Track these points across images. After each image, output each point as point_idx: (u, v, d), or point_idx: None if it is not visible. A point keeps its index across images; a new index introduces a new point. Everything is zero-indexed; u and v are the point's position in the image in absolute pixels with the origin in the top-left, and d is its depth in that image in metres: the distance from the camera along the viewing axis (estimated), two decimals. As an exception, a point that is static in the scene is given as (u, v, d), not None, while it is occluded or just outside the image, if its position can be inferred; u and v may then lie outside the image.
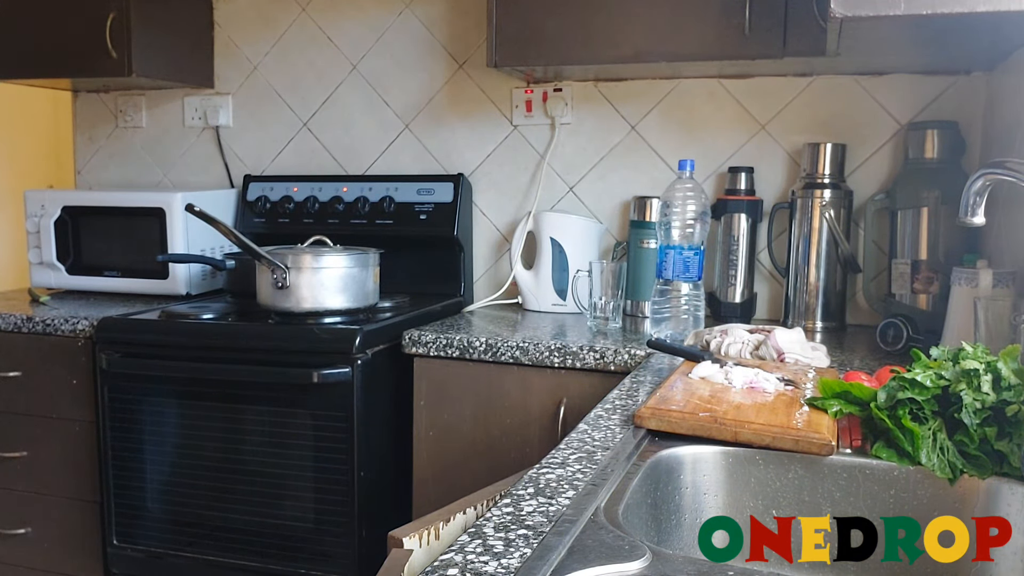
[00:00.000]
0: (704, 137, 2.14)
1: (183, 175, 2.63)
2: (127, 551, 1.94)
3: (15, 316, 2.02)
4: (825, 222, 1.92)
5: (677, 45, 1.85)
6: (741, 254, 2.04)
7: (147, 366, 1.87)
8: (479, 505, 0.99)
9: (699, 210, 1.76)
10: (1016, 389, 0.95)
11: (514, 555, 0.71)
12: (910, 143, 1.91)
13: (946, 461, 0.97)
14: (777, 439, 1.01)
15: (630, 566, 0.70)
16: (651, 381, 1.37)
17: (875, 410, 1.01)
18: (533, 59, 1.97)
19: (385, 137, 2.41)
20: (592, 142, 2.24)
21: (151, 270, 2.23)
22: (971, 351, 1.02)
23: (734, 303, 2.05)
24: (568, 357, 1.69)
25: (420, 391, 1.82)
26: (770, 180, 2.10)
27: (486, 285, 2.36)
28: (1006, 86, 1.74)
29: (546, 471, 0.92)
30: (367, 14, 2.40)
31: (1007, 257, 1.58)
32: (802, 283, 1.96)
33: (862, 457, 1.01)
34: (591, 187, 2.25)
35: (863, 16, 1.26)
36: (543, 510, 0.81)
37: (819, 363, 1.43)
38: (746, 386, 1.20)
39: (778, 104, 2.09)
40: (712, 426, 1.03)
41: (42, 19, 2.24)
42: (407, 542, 0.87)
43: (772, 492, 1.02)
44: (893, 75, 2.00)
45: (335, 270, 1.85)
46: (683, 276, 1.76)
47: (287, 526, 1.80)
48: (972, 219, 1.07)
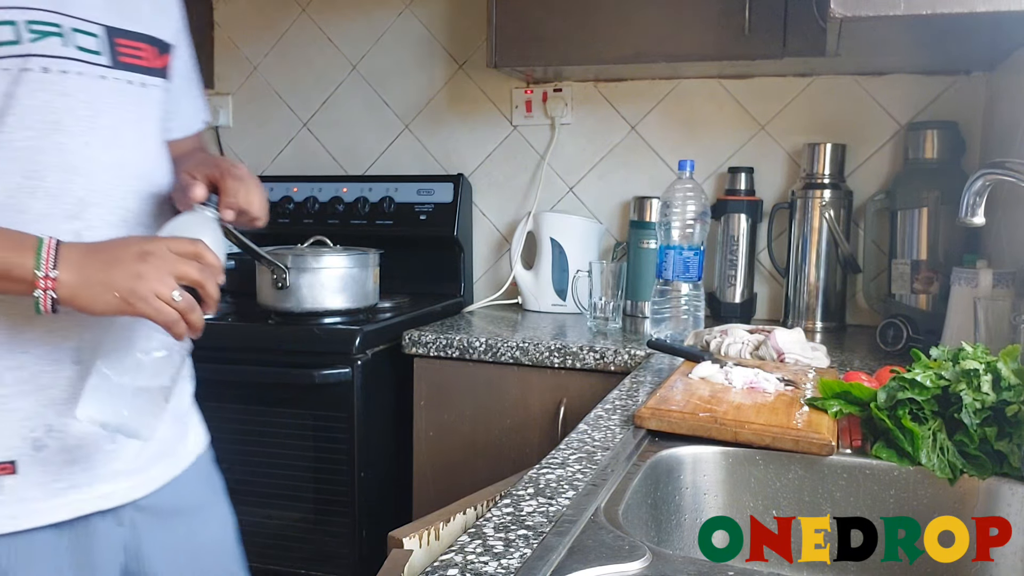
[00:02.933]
0: (704, 137, 2.14)
1: (183, 175, 2.63)
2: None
3: (15, 316, 2.01)
4: (825, 222, 1.92)
5: (677, 45, 1.85)
6: (741, 254, 2.04)
7: (147, 366, 1.87)
8: (479, 505, 0.99)
9: (699, 210, 1.76)
10: (1016, 389, 0.95)
11: (514, 555, 0.71)
12: (910, 143, 1.91)
13: (946, 461, 0.97)
14: (777, 439, 1.01)
15: (630, 566, 0.70)
16: (651, 381, 1.37)
17: (875, 410, 1.01)
18: (533, 59, 1.97)
19: (385, 137, 2.41)
20: (592, 142, 2.24)
21: (151, 270, 2.23)
22: (971, 351, 1.02)
23: (734, 303, 2.05)
24: (568, 357, 1.69)
25: (420, 391, 1.82)
26: (770, 180, 2.10)
27: (486, 285, 2.36)
28: (1006, 86, 1.74)
29: (546, 471, 0.92)
30: (367, 14, 2.40)
31: (1007, 257, 1.58)
32: (802, 283, 1.96)
33: (862, 457, 1.01)
34: (591, 187, 2.25)
35: (863, 16, 1.26)
36: (543, 510, 0.81)
37: (819, 363, 1.43)
38: (746, 386, 1.20)
39: (778, 104, 2.09)
40: (712, 426, 1.03)
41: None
42: (407, 542, 0.87)
43: (772, 492, 1.02)
44: (893, 75, 2.00)
45: (335, 270, 1.85)
46: (683, 276, 1.76)
47: (287, 526, 1.80)
48: (972, 219, 1.07)
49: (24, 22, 0.92)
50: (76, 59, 0.97)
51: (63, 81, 0.95)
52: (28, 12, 0.92)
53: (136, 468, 1.05)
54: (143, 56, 1.05)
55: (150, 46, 1.06)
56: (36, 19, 0.93)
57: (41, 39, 0.93)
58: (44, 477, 0.96)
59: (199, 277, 0.90)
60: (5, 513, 0.94)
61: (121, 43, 1.02)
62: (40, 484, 0.96)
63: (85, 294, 0.87)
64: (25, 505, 0.95)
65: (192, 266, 0.90)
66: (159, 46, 1.08)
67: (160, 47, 1.08)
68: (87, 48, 0.98)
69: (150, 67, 1.06)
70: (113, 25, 1.01)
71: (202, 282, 0.91)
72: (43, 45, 0.93)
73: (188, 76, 1.20)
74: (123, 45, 1.02)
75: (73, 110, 0.96)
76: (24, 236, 0.89)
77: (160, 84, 1.08)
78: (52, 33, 0.94)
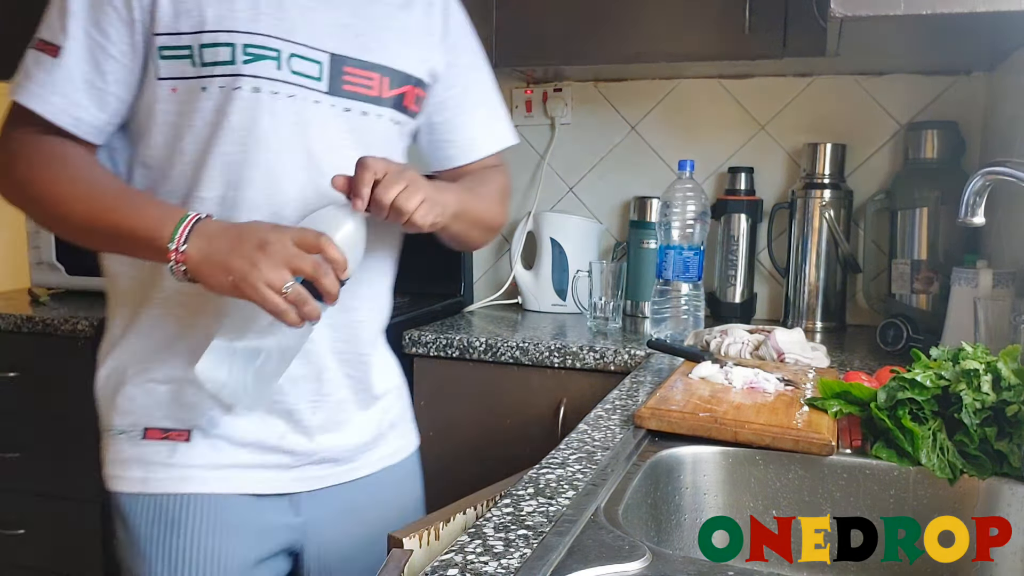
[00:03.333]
0: (704, 137, 2.14)
1: (183, 175, 2.62)
2: (127, 551, 1.94)
3: (15, 316, 2.02)
4: (825, 222, 1.92)
5: (677, 45, 1.85)
6: (741, 254, 2.04)
7: (147, 366, 1.87)
8: (479, 505, 0.99)
9: (699, 210, 1.76)
10: (1016, 389, 0.95)
11: (514, 555, 0.71)
12: (910, 143, 1.91)
13: (946, 461, 0.97)
14: (777, 439, 1.01)
15: (630, 566, 0.70)
16: (651, 381, 1.37)
17: (875, 410, 1.01)
18: (533, 59, 1.97)
19: (385, 137, 2.41)
20: (592, 142, 2.24)
21: (151, 270, 2.22)
22: (971, 351, 1.02)
23: (734, 303, 2.05)
24: (568, 357, 1.69)
25: (420, 391, 1.81)
26: (770, 180, 2.10)
27: (486, 285, 2.35)
28: (1006, 86, 1.74)
29: (546, 471, 0.92)
30: (367, 14, 2.39)
31: (1007, 257, 1.58)
32: (802, 283, 1.96)
33: (862, 457, 1.01)
34: (591, 187, 2.25)
35: (863, 16, 1.26)
36: (543, 510, 0.81)
37: (819, 363, 1.43)
38: (746, 386, 1.20)
39: (778, 104, 2.09)
40: (712, 426, 1.03)
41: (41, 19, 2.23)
42: (407, 542, 0.87)
43: (772, 492, 1.02)
44: (893, 75, 2.00)
45: (335, 270, 1.84)
46: (683, 276, 1.76)
47: (287, 526, 1.79)
48: (972, 219, 1.07)
49: (242, 45, 0.99)
50: (289, 82, 1.02)
51: (272, 102, 1.02)
52: (249, 36, 1.00)
53: (304, 461, 1.12)
54: (371, 86, 1.09)
55: (383, 76, 1.10)
56: (254, 43, 1.00)
57: (254, 61, 1.00)
58: (213, 452, 1.06)
59: (311, 271, 0.93)
60: (176, 475, 1.05)
61: (348, 71, 1.07)
62: (207, 456, 1.06)
63: (206, 271, 0.93)
64: (192, 471, 1.06)
65: (308, 260, 0.93)
66: (394, 77, 1.11)
67: (396, 79, 1.11)
68: (304, 73, 1.04)
69: (376, 96, 1.10)
70: (341, 53, 1.06)
71: (315, 277, 0.93)
72: (256, 67, 1.00)
73: (468, 107, 1.24)
74: (350, 73, 1.07)
75: (278, 130, 1.02)
76: (173, 210, 0.97)
77: (387, 114, 1.12)
78: (267, 57, 1.01)
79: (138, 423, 1.07)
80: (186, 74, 1.00)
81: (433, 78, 1.19)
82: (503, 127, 1.30)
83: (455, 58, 1.21)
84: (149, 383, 1.06)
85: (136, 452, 1.07)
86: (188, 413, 1.06)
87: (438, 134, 1.24)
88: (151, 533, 1.05)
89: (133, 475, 1.06)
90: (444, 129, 1.23)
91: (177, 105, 1.02)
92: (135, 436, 1.07)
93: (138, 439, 1.07)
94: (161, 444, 1.06)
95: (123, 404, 1.07)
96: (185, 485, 1.06)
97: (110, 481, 1.08)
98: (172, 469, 1.06)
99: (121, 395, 1.07)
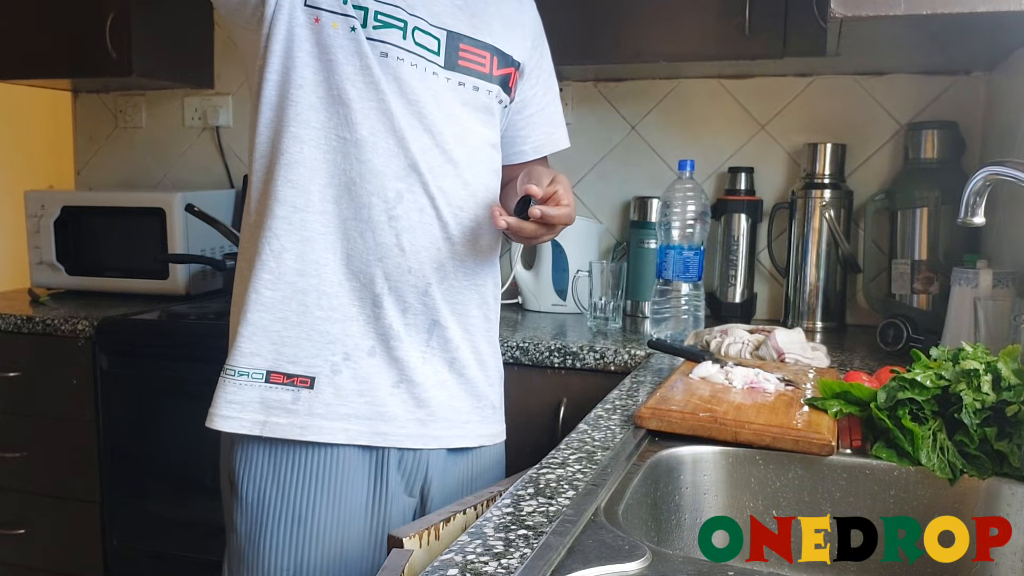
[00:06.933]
0: (704, 137, 2.14)
1: (183, 175, 2.63)
2: (127, 551, 1.94)
3: (15, 316, 2.01)
4: (825, 222, 1.92)
5: (677, 45, 1.85)
6: (741, 254, 2.04)
7: (147, 366, 1.87)
8: (479, 505, 0.99)
9: (699, 210, 1.76)
10: (1016, 389, 0.95)
11: (514, 555, 0.71)
12: (910, 143, 1.91)
13: (946, 461, 0.97)
14: (777, 439, 1.01)
15: (630, 566, 0.70)
16: (651, 381, 1.37)
17: (875, 410, 1.01)
18: (533, 59, 1.97)
19: (385, 137, 2.41)
20: (592, 142, 2.24)
21: (151, 270, 2.23)
22: (971, 351, 1.02)
23: (734, 303, 2.05)
24: (568, 357, 1.69)
25: (420, 391, 1.81)
26: (770, 180, 2.10)
27: (486, 285, 2.35)
28: (1006, 86, 1.74)
29: (546, 471, 0.92)
30: (367, 14, 2.39)
31: (1007, 257, 1.58)
32: (802, 283, 1.96)
33: (862, 457, 1.01)
34: (591, 187, 2.25)
35: (863, 16, 1.26)
36: (543, 510, 0.81)
37: (819, 363, 1.43)
38: (746, 386, 1.20)
39: (778, 104, 2.09)
40: (712, 426, 1.03)
41: (42, 19, 2.23)
42: (407, 542, 0.87)
43: (772, 492, 1.02)
44: (893, 75, 2.00)
45: (335, 270, 1.84)
46: (683, 276, 1.76)
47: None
48: (972, 219, 1.07)
49: (373, 12, 1.09)
50: (413, 52, 1.11)
51: (398, 67, 1.10)
52: (379, 4, 1.09)
53: (417, 419, 1.15)
54: (483, 64, 1.18)
55: (493, 56, 1.19)
56: (384, 11, 1.09)
57: (383, 28, 1.09)
58: (334, 399, 1.10)
59: None
60: (297, 423, 1.10)
61: (464, 48, 1.16)
62: (329, 404, 1.10)
63: None
64: (313, 420, 1.10)
65: None
66: (502, 57, 1.20)
67: (503, 59, 1.21)
68: (425, 46, 1.12)
69: (487, 73, 1.19)
70: (457, 31, 1.15)
71: None
72: (384, 33, 1.09)
73: (545, 106, 1.34)
74: (465, 51, 1.16)
75: (402, 95, 1.10)
76: None
77: (495, 91, 1.20)
78: (394, 26, 1.10)
79: (261, 366, 1.09)
80: None
81: (525, 67, 1.26)
82: (564, 131, 1.39)
83: (539, 59, 1.30)
84: (277, 324, 1.10)
85: (257, 394, 1.09)
86: (313, 359, 1.09)
87: (515, 130, 1.31)
88: (267, 475, 1.09)
89: (254, 418, 1.09)
90: (522, 126, 1.31)
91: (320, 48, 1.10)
92: (258, 379, 1.09)
93: (261, 381, 1.09)
94: (285, 389, 1.09)
95: (246, 346, 1.10)
96: (305, 433, 1.09)
97: (223, 421, 1.10)
98: (295, 416, 1.09)
99: (245, 337, 1.10)
